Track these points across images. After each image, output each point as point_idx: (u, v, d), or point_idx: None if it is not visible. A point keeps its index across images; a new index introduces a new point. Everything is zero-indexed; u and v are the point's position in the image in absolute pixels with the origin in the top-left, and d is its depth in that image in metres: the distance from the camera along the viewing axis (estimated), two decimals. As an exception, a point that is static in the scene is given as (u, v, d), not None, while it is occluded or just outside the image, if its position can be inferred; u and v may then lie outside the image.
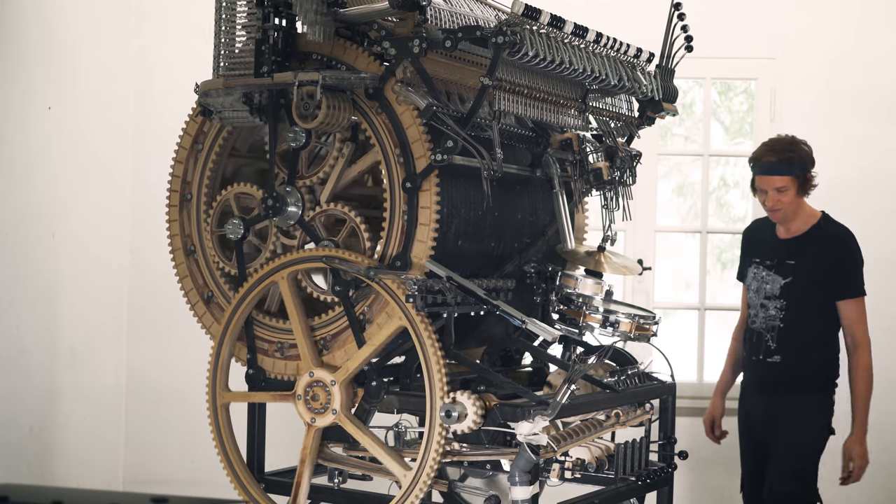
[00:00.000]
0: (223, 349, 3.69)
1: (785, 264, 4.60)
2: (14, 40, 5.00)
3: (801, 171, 4.52)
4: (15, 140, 5.00)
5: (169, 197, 3.86)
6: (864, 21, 5.95)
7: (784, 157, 4.50)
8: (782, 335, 4.55)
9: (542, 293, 3.92)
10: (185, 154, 3.83)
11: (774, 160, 4.51)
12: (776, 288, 4.58)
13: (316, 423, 3.52)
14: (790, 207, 4.55)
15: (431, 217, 3.40)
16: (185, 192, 3.84)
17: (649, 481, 3.89)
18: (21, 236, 5.07)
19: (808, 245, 4.59)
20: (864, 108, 5.92)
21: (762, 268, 4.65)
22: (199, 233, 3.82)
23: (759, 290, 4.63)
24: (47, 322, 5.33)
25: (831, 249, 4.58)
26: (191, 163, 3.83)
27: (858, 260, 4.63)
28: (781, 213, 4.56)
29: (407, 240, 3.43)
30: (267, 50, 3.47)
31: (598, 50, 3.79)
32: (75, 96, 5.53)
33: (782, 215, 4.57)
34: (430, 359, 3.32)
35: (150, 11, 6.10)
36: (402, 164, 3.43)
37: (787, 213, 4.57)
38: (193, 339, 4.45)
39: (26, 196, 5.11)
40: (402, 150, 3.43)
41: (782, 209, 4.54)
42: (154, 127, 5.97)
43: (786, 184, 4.50)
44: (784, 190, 4.51)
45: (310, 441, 3.54)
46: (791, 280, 4.56)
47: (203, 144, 3.81)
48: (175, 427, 6.03)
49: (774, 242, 4.66)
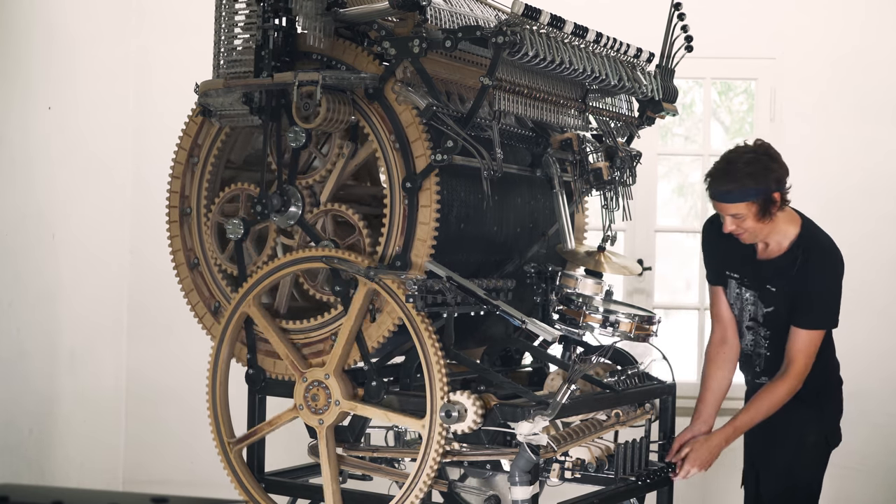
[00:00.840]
0: (223, 349, 3.68)
1: (766, 291, 4.08)
2: (14, 40, 5.00)
3: (759, 196, 3.88)
4: (15, 140, 5.00)
5: (168, 213, 3.86)
6: (865, 21, 5.94)
7: (737, 185, 3.89)
8: (769, 363, 4.15)
9: (542, 293, 3.92)
10: (182, 169, 3.83)
11: (725, 188, 3.91)
12: (759, 315, 4.13)
13: (324, 423, 3.51)
14: (755, 229, 3.96)
15: (431, 217, 3.40)
16: (184, 206, 3.84)
17: (649, 481, 3.89)
18: (21, 237, 5.07)
19: (788, 269, 4.03)
20: (865, 109, 5.91)
21: (743, 287, 4.15)
22: (202, 245, 3.82)
23: (743, 311, 4.17)
24: (47, 323, 5.33)
25: (809, 273, 4.02)
26: (188, 177, 3.83)
27: (837, 286, 4.08)
28: (747, 235, 3.98)
29: (407, 240, 3.43)
30: (267, 50, 3.47)
31: (598, 50, 3.79)
32: (75, 96, 5.53)
33: (749, 237, 4.00)
34: (430, 359, 3.32)
35: (150, 11, 6.10)
36: (402, 164, 3.43)
37: (754, 235, 3.99)
38: (193, 340, 4.45)
39: (26, 196, 5.11)
40: (402, 150, 3.43)
41: (745, 233, 3.98)
42: (154, 127, 5.97)
43: (740, 211, 3.91)
44: (740, 217, 3.92)
45: (324, 443, 3.53)
46: (773, 310, 4.08)
47: (198, 157, 3.81)
48: (175, 428, 6.03)
49: (752, 262, 4.11)
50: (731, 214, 3.94)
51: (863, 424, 4.43)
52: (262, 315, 3.57)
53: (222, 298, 3.79)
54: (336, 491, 3.52)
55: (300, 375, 3.52)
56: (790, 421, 4.17)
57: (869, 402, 5.44)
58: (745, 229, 3.96)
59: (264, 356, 3.69)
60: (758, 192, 3.89)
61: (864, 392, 4.42)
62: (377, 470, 3.59)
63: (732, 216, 3.94)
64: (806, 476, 4.24)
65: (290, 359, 3.54)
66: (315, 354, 3.58)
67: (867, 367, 5.40)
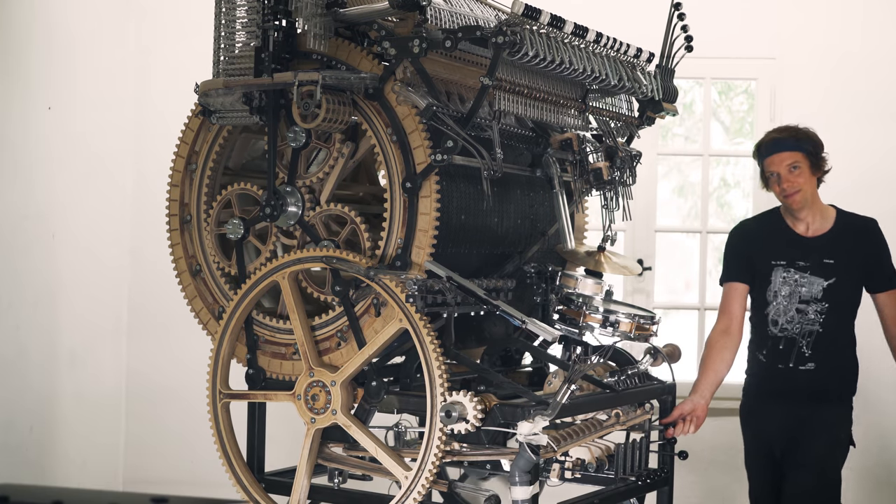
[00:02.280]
0: (223, 349, 3.68)
1: (824, 264, 4.28)
2: (14, 40, 5.00)
3: (811, 147, 4.27)
4: (15, 140, 5.00)
5: (168, 221, 3.86)
6: (865, 21, 5.95)
7: (791, 134, 4.28)
8: (819, 340, 4.27)
9: (542, 293, 3.92)
10: (180, 176, 3.83)
11: (782, 136, 4.29)
12: (817, 290, 4.28)
13: (316, 424, 3.52)
14: (808, 189, 4.26)
15: (431, 217, 3.40)
16: (183, 214, 3.84)
17: (649, 481, 3.89)
18: (21, 237, 5.07)
19: (843, 241, 4.31)
20: (865, 109, 5.91)
21: (793, 270, 4.30)
22: (203, 252, 3.81)
23: (793, 294, 4.30)
24: (47, 323, 5.33)
25: (868, 242, 4.35)
26: (186, 184, 3.83)
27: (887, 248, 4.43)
28: (801, 195, 4.25)
29: (407, 240, 3.43)
30: (266, 51, 3.47)
31: (598, 50, 3.79)
32: (75, 96, 5.53)
33: (801, 198, 4.26)
34: (430, 359, 3.32)
35: (150, 11, 6.10)
36: (402, 165, 3.43)
37: (806, 197, 4.27)
38: (193, 340, 4.45)
39: (26, 196, 5.11)
40: (402, 150, 3.43)
41: (800, 190, 4.24)
42: (154, 127, 5.97)
43: (797, 160, 4.24)
44: (797, 167, 4.24)
45: (309, 441, 3.54)
46: (835, 281, 4.27)
47: (196, 164, 3.81)
48: (175, 428, 6.03)
49: (801, 242, 4.34)
50: (788, 164, 4.24)
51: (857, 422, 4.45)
52: (292, 292, 3.55)
53: (226, 303, 3.78)
54: (305, 487, 3.55)
55: (308, 369, 3.51)
56: (824, 418, 4.27)
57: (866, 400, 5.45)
58: (800, 186, 4.25)
59: (264, 356, 3.69)
60: (810, 144, 4.28)
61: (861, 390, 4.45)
62: (377, 470, 3.59)
63: (790, 167, 4.24)
64: (835, 474, 4.31)
65: (305, 346, 3.52)
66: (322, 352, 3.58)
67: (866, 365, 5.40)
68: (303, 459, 3.56)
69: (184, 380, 5.75)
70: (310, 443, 3.55)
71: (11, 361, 5.00)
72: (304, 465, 3.56)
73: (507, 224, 3.88)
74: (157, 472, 5.99)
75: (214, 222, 3.78)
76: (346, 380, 3.48)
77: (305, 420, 3.53)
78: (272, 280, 3.58)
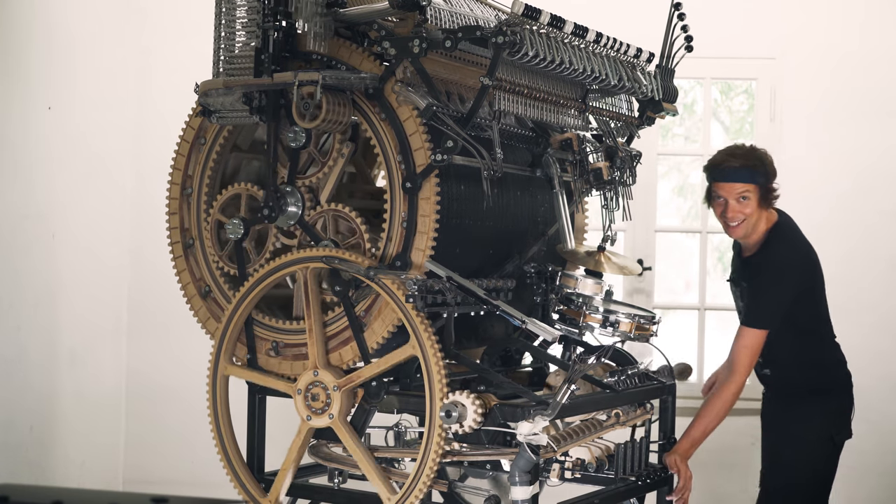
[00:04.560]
0: (223, 349, 3.68)
1: (742, 287, 4.27)
2: (14, 40, 5.00)
3: (763, 180, 4.09)
4: (15, 140, 5.00)
5: (169, 189, 3.85)
6: (865, 21, 5.95)
7: (747, 163, 4.08)
8: (766, 352, 4.19)
9: (542, 293, 3.92)
10: (188, 147, 3.82)
11: (737, 165, 4.08)
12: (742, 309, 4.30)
13: (311, 423, 3.52)
14: (751, 220, 4.12)
15: (431, 217, 3.40)
16: (185, 185, 3.83)
17: (649, 481, 3.89)
18: (21, 237, 5.07)
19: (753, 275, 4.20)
20: (864, 108, 5.91)
21: (733, 285, 4.37)
22: (199, 227, 3.81)
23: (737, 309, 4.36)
24: (47, 323, 5.33)
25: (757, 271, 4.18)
26: (193, 156, 3.83)
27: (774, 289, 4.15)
28: (742, 226, 4.13)
29: (407, 240, 3.43)
30: (266, 51, 3.47)
31: (598, 50, 3.79)
32: (75, 96, 5.53)
33: (743, 230, 4.14)
34: (430, 359, 3.32)
35: (150, 12, 6.10)
36: (402, 165, 3.43)
37: (748, 228, 4.14)
38: (193, 339, 4.45)
39: (26, 196, 5.11)
40: (402, 150, 3.43)
41: (744, 221, 4.11)
42: (154, 127, 5.97)
43: (747, 191, 4.08)
44: (746, 198, 4.08)
45: (301, 437, 3.54)
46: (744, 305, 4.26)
47: (206, 139, 3.81)
48: (175, 428, 6.03)
49: (740, 261, 4.32)
50: (738, 194, 4.09)
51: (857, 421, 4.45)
52: (313, 285, 3.54)
53: (212, 284, 3.78)
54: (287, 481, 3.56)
55: (314, 367, 3.51)
56: (793, 418, 4.27)
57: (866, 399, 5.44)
58: (746, 215, 4.11)
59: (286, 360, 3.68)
60: (763, 175, 4.10)
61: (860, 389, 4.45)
62: (377, 470, 3.59)
63: (740, 196, 4.09)
64: (808, 472, 4.27)
65: (315, 341, 3.52)
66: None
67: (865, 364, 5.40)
68: (290, 454, 3.57)
69: (184, 380, 5.75)
70: (301, 439, 3.54)
71: (11, 361, 5.00)
72: (292, 459, 3.56)
73: (507, 224, 3.88)
74: (157, 472, 5.99)
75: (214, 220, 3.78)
76: (349, 388, 3.48)
77: (301, 416, 3.53)
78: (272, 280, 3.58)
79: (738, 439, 5.74)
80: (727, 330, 5.12)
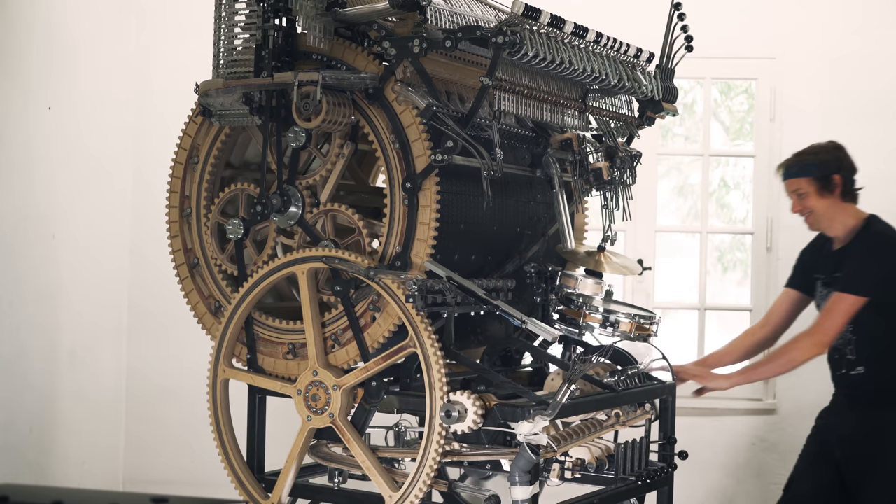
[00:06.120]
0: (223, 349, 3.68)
1: (834, 278, 4.39)
2: (14, 40, 5.00)
3: (817, 172, 4.35)
4: (15, 140, 5.00)
5: (168, 213, 3.86)
6: (865, 21, 5.95)
7: (799, 159, 4.39)
8: (859, 346, 4.31)
9: (542, 293, 3.92)
10: (182, 169, 3.83)
11: (790, 163, 4.42)
12: None
13: (311, 423, 3.52)
14: (818, 212, 4.38)
15: (431, 217, 3.40)
16: (184, 206, 3.84)
17: (649, 481, 3.89)
18: (21, 237, 5.07)
19: (851, 253, 4.38)
20: (865, 109, 5.91)
21: (820, 284, 4.47)
22: (202, 245, 3.81)
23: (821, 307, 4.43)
24: (47, 323, 5.33)
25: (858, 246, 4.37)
26: (188, 176, 3.83)
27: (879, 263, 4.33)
28: (812, 217, 4.40)
29: (407, 240, 3.43)
30: (267, 50, 3.47)
31: (598, 50, 3.79)
32: (75, 96, 5.53)
33: (812, 221, 4.42)
34: (430, 359, 3.32)
35: (150, 12, 6.10)
36: (402, 165, 3.43)
37: (817, 219, 4.40)
38: (193, 340, 4.45)
39: (26, 196, 5.11)
40: (402, 150, 3.43)
41: (811, 214, 4.39)
42: (154, 128, 5.97)
43: (800, 187, 4.37)
44: (803, 194, 4.37)
45: (302, 437, 3.54)
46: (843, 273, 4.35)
47: (199, 157, 3.81)
48: (175, 428, 6.03)
49: (830, 256, 4.47)
50: (793, 191, 4.36)
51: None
52: (309, 287, 3.53)
53: (222, 299, 3.78)
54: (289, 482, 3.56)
55: (313, 367, 3.51)
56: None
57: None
58: (810, 209, 4.35)
59: (264, 357, 3.69)
60: (818, 168, 4.33)
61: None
62: (377, 470, 3.59)
63: (795, 193, 4.36)
64: None
65: (314, 342, 3.52)
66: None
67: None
68: (293, 453, 3.56)
69: (184, 380, 5.75)
70: (303, 438, 3.54)
71: (11, 361, 5.00)
72: (294, 459, 3.56)
73: (506, 224, 3.88)
74: (157, 472, 5.99)
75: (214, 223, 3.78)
76: (349, 387, 3.48)
77: (302, 417, 3.54)
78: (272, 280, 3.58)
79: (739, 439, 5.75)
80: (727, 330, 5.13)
